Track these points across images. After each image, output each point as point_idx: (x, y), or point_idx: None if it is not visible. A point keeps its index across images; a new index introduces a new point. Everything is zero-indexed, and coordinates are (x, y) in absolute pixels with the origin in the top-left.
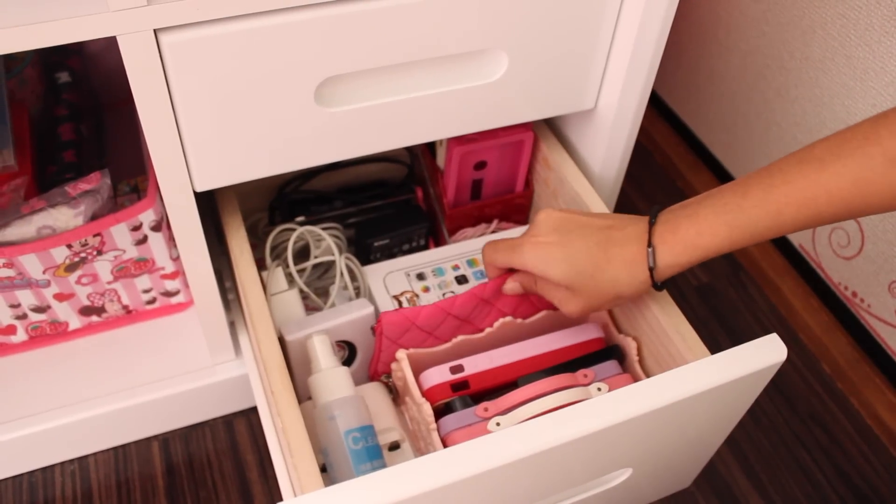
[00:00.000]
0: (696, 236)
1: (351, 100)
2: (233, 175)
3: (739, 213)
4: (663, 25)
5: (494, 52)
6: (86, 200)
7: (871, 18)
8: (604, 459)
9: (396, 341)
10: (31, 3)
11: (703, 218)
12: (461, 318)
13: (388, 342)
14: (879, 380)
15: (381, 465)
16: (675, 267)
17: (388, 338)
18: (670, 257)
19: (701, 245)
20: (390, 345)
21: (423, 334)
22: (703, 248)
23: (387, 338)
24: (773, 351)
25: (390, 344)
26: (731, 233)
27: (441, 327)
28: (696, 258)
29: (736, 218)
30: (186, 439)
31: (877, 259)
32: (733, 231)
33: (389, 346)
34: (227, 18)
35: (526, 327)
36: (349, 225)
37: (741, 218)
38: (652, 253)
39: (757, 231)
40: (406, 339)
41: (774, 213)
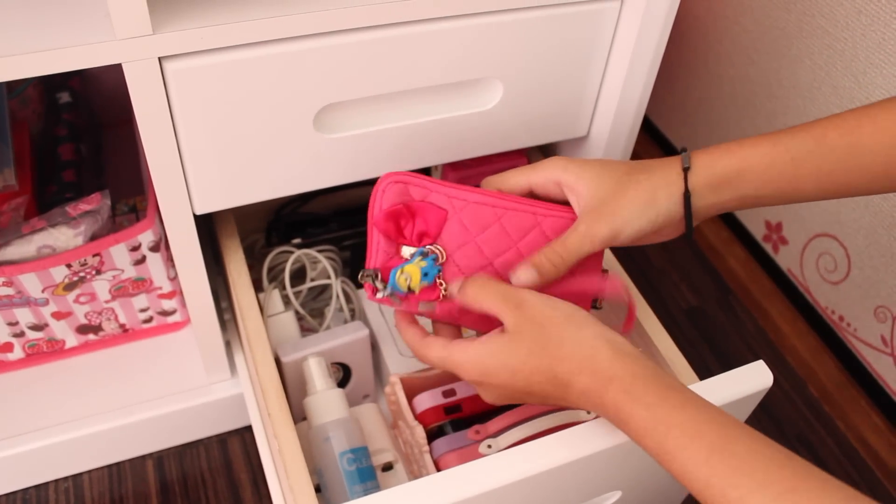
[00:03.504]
0: (737, 146)
1: (349, 126)
2: (232, 198)
3: (784, 135)
4: (655, 54)
5: (490, 80)
6: (86, 220)
7: (856, 50)
8: (594, 483)
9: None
10: (39, 31)
11: (747, 138)
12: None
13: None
14: (865, 402)
15: (375, 486)
16: (709, 176)
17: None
18: (707, 162)
19: (740, 153)
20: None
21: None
22: (742, 158)
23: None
24: (759, 377)
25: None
26: (773, 149)
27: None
28: (733, 166)
29: (780, 137)
30: (181, 458)
31: (863, 284)
32: (775, 147)
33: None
34: (229, 47)
35: None
36: (345, 247)
37: (784, 137)
38: (687, 156)
39: (799, 153)
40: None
41: (819, 136)
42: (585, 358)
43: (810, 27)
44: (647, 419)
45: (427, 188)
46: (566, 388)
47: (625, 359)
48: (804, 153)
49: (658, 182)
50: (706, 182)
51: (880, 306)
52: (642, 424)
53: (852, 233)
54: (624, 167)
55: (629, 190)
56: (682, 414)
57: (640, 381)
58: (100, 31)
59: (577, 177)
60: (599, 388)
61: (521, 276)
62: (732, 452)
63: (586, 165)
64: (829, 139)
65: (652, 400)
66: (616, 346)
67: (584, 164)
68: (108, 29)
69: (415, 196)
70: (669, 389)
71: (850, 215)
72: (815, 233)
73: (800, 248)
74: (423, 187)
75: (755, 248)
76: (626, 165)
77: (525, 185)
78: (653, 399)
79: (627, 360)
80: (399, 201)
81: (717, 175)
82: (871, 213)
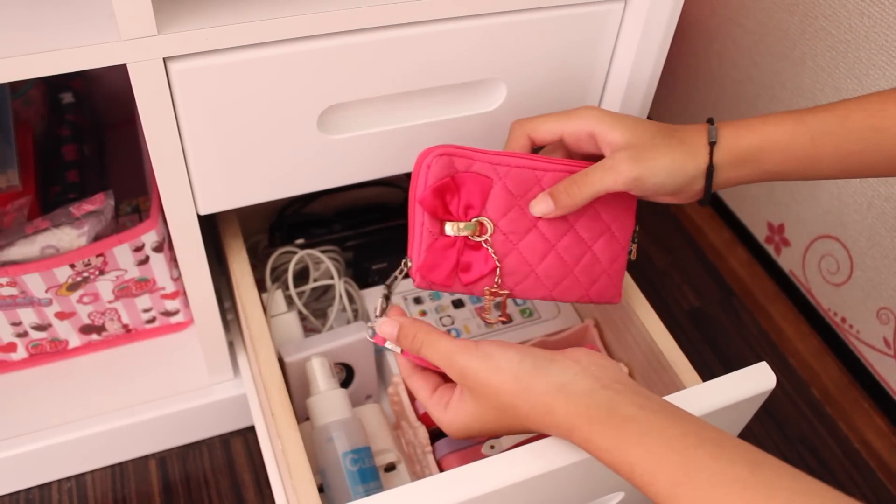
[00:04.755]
0: (760, 123)
1: (353, 127)
2: (236, 199)
3: (807, 114)
4: (659, 56)
5: (493, 82)
6: (89, 221)
7: (858, 52)
8: (596, 484)
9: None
10: (44, 32)
11: (771, 115)
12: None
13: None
14: (868, 405)
15: (378, 486)
16: (732, 151)
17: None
18: (731, 137)
19: (763, 130)
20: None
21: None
22: (764, 134)
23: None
24: (762, 378)
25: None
26: (795, 127)
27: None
28: (756, 143)
29: (803, 116)
30: (183, 458)
31: (865, 286)
32: (798, 126)
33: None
34: (234, 48)
35: None
36: (347, 248)
37: (807, 116)
38: (714, 130)
39: (820, 132)
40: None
41: (841, 117)
42: (545, 417)
43: (813, 29)
44: (611, 461)
45: (471, 158)
46: (546, 432)
47: (578, 403)
48: (825, 133)
49: (688, 150)
50: (729, 158)
51: (883, 308)
52: (609, 464)
53: (855, 234)
54: (656, 127)
55: (662, 146)
56: (640, 450)
57: (596, 426)
58: (104, 32)
59: (611, 127)
60: (568, 437)
61: (537, 205)
62: (695, 482)
63: (620, 117)
64: (851, 120)
65: (610, 444)
66: (568, 392)
67: (619, 116)
68: (113, 29)
69: (459, 168)
70: (625, 425)
71: (852, 217)
72: (817, 234)
73: (802, 250)
74: (467, 157)
75: (757, 250)
76: (657, 126)
77: (558, 133)
78: (610, 442)
79: (581, 405)
80: (444, 174)
81: (741, 151)
82: (873, 215)
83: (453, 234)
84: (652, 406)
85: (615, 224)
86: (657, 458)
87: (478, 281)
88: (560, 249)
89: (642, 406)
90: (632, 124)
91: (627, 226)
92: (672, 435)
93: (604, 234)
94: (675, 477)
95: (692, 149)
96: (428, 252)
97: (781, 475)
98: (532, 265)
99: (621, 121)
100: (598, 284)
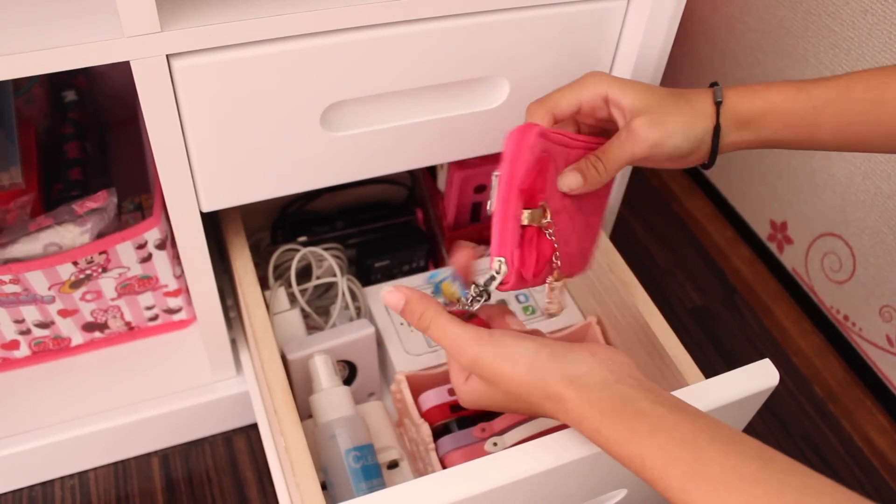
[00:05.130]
0: (764, 88)
1: (356, 124)
2: (239, 196)
3: (810, 83)
4: (661, 53)
5: (496, 79)
6: (92, 218)
7: (861, 49)
8: (599, 480)
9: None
10: (47, 29)
11: (775, 82)
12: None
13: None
14: (870, 402)
15: (381, 483)
16: (735, 114)
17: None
18: (735, 99)
19: (766, 95)
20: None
21: None
22: (767, 100)
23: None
24: (765, 375)
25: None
26: (797, 94)
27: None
28: (758, 107)
29: (806, 84)
30: (186, 455)
31: (868, 283)
32: (800, 93)
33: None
34: (237, 45)
35: None
36: (350, 245)
37: (810, 85)
38: (720, 91)
39: (821, 101)
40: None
41: (844, 88)
42: (556, 406)
43: (816, 26)
44: (621, 454)
45: (566, 145)
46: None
47: (591, 395)
48: (827, 101)
49: (696, 111)
50: (734, 119)
51: (885, 306)
52: (619, 457)
53: (857, 232)
54: (664, 90)
55: (672, 108)
56: (652, 443)
57: (606, 417)
58: (108, 29)
59: (623, 91)
60: (577, 426)
61: (566, 180)
62: (706, 477)
63: (629, 82)
64: (853, 91)
65: (621, 436)
66: (580, 385)
67: (627, 81)
68: (117, 26)
69: (557, 155)
70: (637, 418)
71: (855, 215)
72: (820, 232)
73: (805, 248)
74: (565, 145)
75: (760, 248)
76: (664, 89)
77: (576, 104)
78: (622, 435)
79: (594, 396)
80: (541, 155)
81: (744, 114)
82: (876, 213)
83: (529, 223)
84: (665, 402)
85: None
86: (669, 452)
87: (544, 269)
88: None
89: (655, 402)
90: (642, 88)
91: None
92: (684, 430)
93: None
94: (686, 471)
95: (700, 109)
96: (520, 248)
97: (792, 472)
98: (564, 245)
99: (632, 85)
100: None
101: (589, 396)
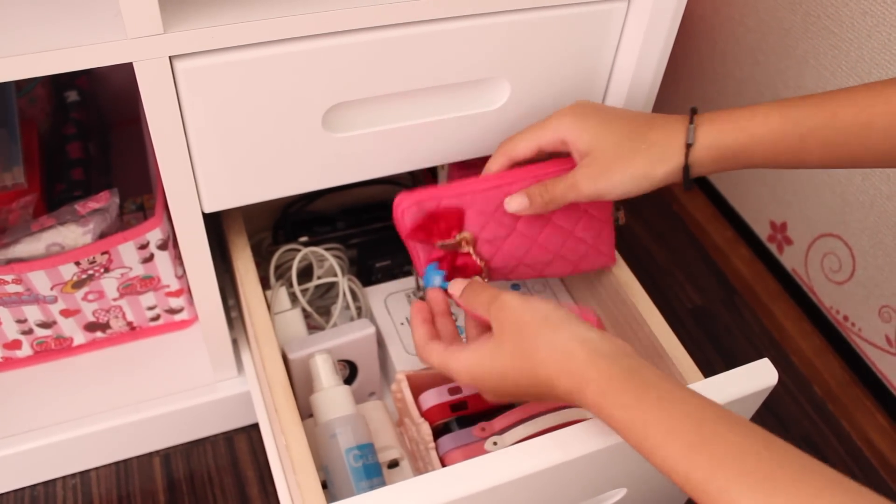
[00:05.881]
0: (747, 119)
1: (358, 125)
2: (241, 197)
3: (795, 107)
4: (662, 54)
5: (497, 80)
6: (94, 218)
7: (861, 51)
8: (599, 479)
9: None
10: (50, 30)
11: (758, 108)
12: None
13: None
14: (870, 403)
15: (381, 482)
16: (714, 150)
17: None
18: (713, 136)
19: (749, 128)
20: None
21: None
22: (751, 133)
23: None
24: (764, 375)
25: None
26: (783, 124)
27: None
28: (741, 142)
29: (791, 110)
30: (187, 455)
31: (867, 284)
32: (786, 123)
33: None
34: (239, 46)
35: None
36: (351, 245)
37: (795, 112)
38: (693, 129)
39: (808, 129)
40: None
41: (830, 114)
42: (561, 362)
43: (816, 28)
44: (624, 420)
45: (437, 196)
46: (551, 389)
47: (599, 361)
48: (812, 128)
49: (659, 155)
50: (710, 156)
51: (885, 306)
52: (621, 424)
53: (857, 233)
54: (627, 128)
55: (627, 157)
56: (658, 412)
57: (615, 382)
58: (111, 31)
59: (580, 135)
60: (578, 391)
61: (512, 201)
62: (710, 447)
63: (591, 122)
64: (840, 117)
65: (627, 401)
66: (592, 346)
67: (587, 123)
68: (120, 28)
69: (429, 209)
70: (645, 388)
71: (854, 215)
72: (819, 233)
73: (804, 248)
74: (434, 198)
75: (760, 248)
76: (629, 126)
77: (535, 148)
78: (628, 400)
79: (602, 362)
80: (419, 217)
81: (723, 148)
82: (875, 214)
83: (443, 249)
84: (672, 380)
85: (592, 206)
86: (674, 421)
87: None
88: (542, 241)
89: (663, 378)
90: (601, 131)
91: (605, 203)
92: (691, 405)
93: (582, 218)
94: (689, 441)
95: (664, 151)
96: (428, 263)
97: (794, 454)
98: (519, 258)
99: (590, 128)
100: (588, 258)
101: (598, 360)
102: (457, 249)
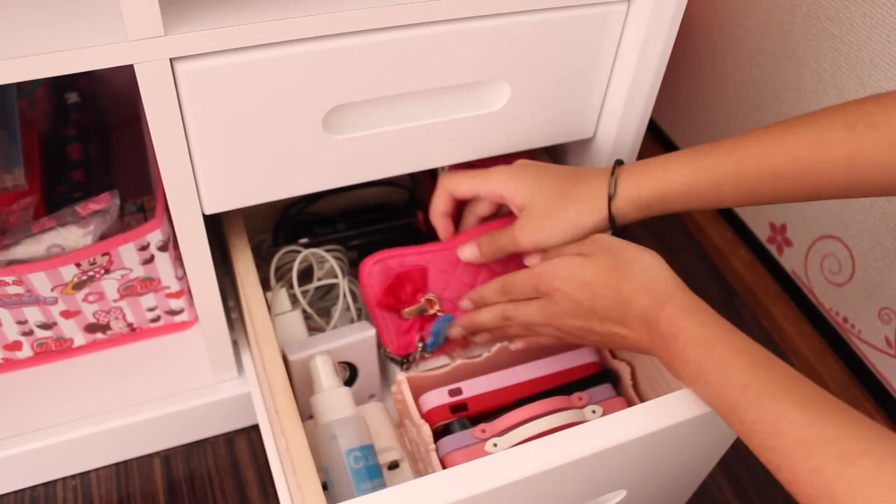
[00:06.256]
0: (661, 170)
1: (358, 127)
2: (241, 199)
3: (705, 157)
4: (661, 56)
5: (497, 82)
6: (95, 220)
7: (860, 52)
8: (599, 481)
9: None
10: (51, 32)
11: (671, 158)
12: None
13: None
14: (869, 404)
15: (381, 483)
16: (634, 200)
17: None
18: (632, 188)
19: (664, 179)
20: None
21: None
22: (665, 183)
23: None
24: None
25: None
26: (694, 174)
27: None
28: (657, 192)
29: (701, 161)
30: (188, 456)
31: (867, 286)
32: (697, 172)
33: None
34: (241, 48)
35: (523, 352)
36: (351, 247)
37: (706, 161)
38: (613, 182)
39: (718, 177)
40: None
41: (738, 162)
42: (650, 281)
43: (815, 30)
44: (698, 332)
45: (401, 256)
46: (627, 306)
47: (685, 289)
48: (724, 177)
49: (586, 208)
50: (632, 205)
51: (885, 308)
52: (692, 335)
53: (857, 234)
54: (557, 185)
55: (559, 212)
56: (730, 335)
57: (697, 304)
58: (111, 32)
59: (515, 192)
60: (657, 305)
61: (465, 250)
62: (772, 367)
63: (525, 181)
64: (746, 166)
65: (706, 318)
66: (678, 280)
67: (523, 182)
68: (120, 30)
69: (394, 267)
70: (721, 319)
71: (854, 217)
72: (819, 234)
73: (804, 250)
74: (398, 257)
75: (759, 250)
76: (559, 182)
77: (475, 192)
78: (708, 318)
79: (687, 292)
80: (385, 277)
81: (643, 199)
82: (875, 215)
83: (411, 317)
84: None
85: None
86: (743, 344)
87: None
88: None
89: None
90: (534, 190)
91: None
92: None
93: None
94: (755, 359)
95: (589, 205)
96: (398, 336)
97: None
98: None
99: (524, 187)
100: None
101: (684, 289)
102: (424, 313)
